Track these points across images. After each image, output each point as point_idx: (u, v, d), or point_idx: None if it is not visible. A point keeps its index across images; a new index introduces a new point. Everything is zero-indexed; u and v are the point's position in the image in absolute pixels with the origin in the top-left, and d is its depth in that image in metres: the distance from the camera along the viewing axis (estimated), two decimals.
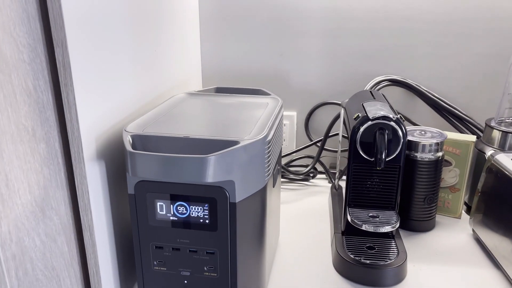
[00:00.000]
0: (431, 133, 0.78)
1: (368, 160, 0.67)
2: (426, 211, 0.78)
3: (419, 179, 0.76)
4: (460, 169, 0.80)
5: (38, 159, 0.46)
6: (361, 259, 0.66)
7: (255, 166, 0.52)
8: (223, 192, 0.50)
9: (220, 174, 0.48)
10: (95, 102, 0.52)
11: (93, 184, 0.52)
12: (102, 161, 0.54)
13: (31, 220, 0.45)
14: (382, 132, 0.65)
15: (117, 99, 0.57)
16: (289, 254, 0.72)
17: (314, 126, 1.02)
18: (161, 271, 0.55)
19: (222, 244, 0.52)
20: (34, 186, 0.45)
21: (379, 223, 0.66)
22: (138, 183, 0.51)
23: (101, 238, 0.54)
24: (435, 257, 0.71)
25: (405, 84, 0.94)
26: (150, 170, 0.48)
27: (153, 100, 0.70)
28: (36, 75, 0.45)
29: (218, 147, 0.50)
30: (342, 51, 0.96)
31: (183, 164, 0.47)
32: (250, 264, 0.55)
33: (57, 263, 0.50)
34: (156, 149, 0.52)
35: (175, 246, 0.53)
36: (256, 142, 0.51)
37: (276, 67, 0.99)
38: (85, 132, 0.50)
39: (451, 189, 0.82)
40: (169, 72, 0.78)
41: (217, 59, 1.00)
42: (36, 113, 0.45)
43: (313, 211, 0.87)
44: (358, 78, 0.98)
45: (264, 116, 0.60)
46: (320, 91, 1.00)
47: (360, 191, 0.70)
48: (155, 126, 0.55)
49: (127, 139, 0.51)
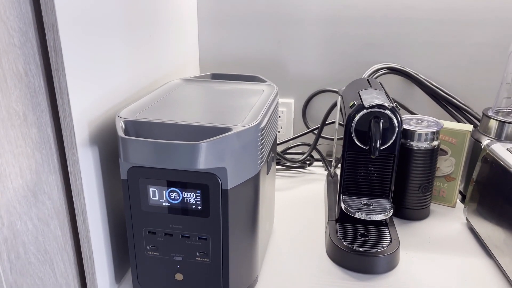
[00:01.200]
0: (428, 122, 0.78)
1: (363, 149, 0.67)
2: (420, 199, 0.78)
3: (414, 168, 0.76)
4: (456, 158, 0.80)
5: (30, 144, 0.46)
6: (354, 246, 0.66)
7: (248, 153, 0.52)
8: (215, 178, 0.50)
9: (212, 161, 0.48)
10: (88, 87, 0.51)
11: (86, 169, 0.52)
12: (95, 147, 0.54)
13: (23, 204, 0.45)
14: (377, 120, 0.65)
15: (111, 85, 0.57)
16: (283, 241, 0.73)
17: (312, 114, 1.02)
18: (154, 256, 0.55)
19: (214, 230, 0.52)
20: (26, 171, 0.45)
21: (372, 211, 0.66)
22: (131, 169, 0.51)
23: (94, 223, 0.54)
24: (428, 245, 0.71)
25: (404, 72, 0.93)
26: (142, 156, 0.48)
27: (148, 86, 0.70)
28: (27, 59, 0.45)
29: (210, 134, 0.50)
30: (340, 38, 0.95)
31: (175, 150, 0.47)
32: (242, 250, 0.56)
33: (50, 247, 0.50)
34: (149, 135, 0.52)
35: (167, 232, 0.54)
36: (249, 129, 0.51)
37: (273, 54, 0.99)
38: (78, 117, 0.50)
39: (446, 178, 0.82)
40: (165, 58, 0.77)
41: (215, 46, 1.00)
42: (27, 97, 0.45)
43: (308, 198, 0.87)
44: (357, 66, 0.97)
45: (259, 103, 0.60)
46: (318, 78, 0.99)
47: (355, 179, 0.70)
48: (149, 112, 0.55)
49: (120, 125, 0.51)
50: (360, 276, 0.64)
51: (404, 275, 0.64)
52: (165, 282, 0.56)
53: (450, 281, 0.63)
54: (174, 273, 0.56)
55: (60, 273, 0.53)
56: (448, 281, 0.63)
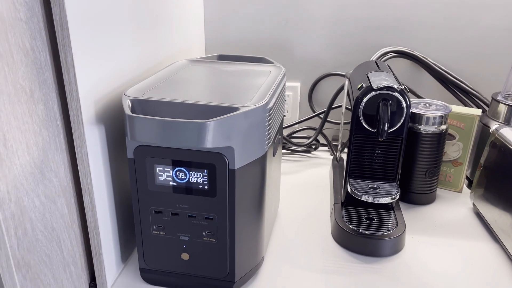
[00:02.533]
0: (436, 105, 0.77)
1: (370, 131, 0.67)
2: (427, 184, 0.77)
3: (422, 152, 0.75)
4: (464, 143, 0.80)
5: (37, 121, 0.45)
6: (359, 229, 0.66)
7: (255, 133, 0.51)
8: (223, 158, 0.49)
9: (219, 140, 0.48)
10: (94, 65, 0.51)
11: (93, 147, 0.52)
12: (102, 125, 0.53)
13: (30, 181, 0.45)
14: (386, 103, 0.64)
15: (117, 63, 0.57)
16: (288, 224, 0.73)
17: (318, 98, 1.01)
18: (160, 235, 0.55)
19: (221, 210, 0.52)
20: (33, 148, 0.45)
21: (379, 194, 0.66)
22: (138, 147, 0.51)
23: (101, 201, 0.54)
24: (433, 229, 0.71)
25: (412, 56, 0.92)
26: (149, 134, 0.48)
27: (154, 66, 0.69)
28: (33, 34, 0.44)
29: (218, 113, 0.50)
30: (349, 21, 0.94)
31: (183, 128, 0.47)
32: (248, 231, 0.56)
33: (57, 224, 0.50)
34: (156, 114, 0.51)
35: (174, 211, 0.54)
36: (257, 109, 0.50)
37: (280, 36, 0.97)
38: (84, 95, 0.49)
39: (453, 163, 0.82)
40: (171, 39, 0.76)
41: (221, 27, 0.98)
42: (33, 73, 0.44)
43: (314, 182, 0.87)
44: (365, 49, 0.96)
45: (266, 84, 0.59)
46: (325, 62, 0.98)
47: (361, 162, 0.70)
48: (155, 91, 0.54)
49: (127, 103, 0.51)
50: (365, 258, 0.64)
51: (410, 259, 0.64)
52: (171, 261, 0.56)
53: (456, 264, 0.63)
54: (180, 252, 0.56)
55: (67, 251, 0.53)
56: (453, 265, 0.63)
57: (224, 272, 0.56)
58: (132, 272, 0.61)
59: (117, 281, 0.59)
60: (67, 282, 0.54)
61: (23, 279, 0.45)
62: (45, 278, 0.49)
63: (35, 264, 0.47)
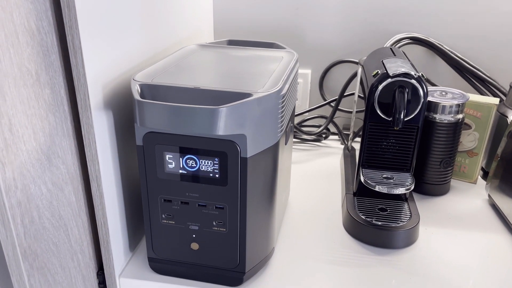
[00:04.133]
0: (452, 94, 0.75)
1: (385, 120, 0.65)
2: (441, 174, 0.75)
3: (437, 141, 0.73)
4: (480, 133, 0.77)
5: (43, 105, 0.44)
6: (372, 220, 0.65)
7: (268, 120, 0.49)
8: (234, 146, 0.48)
9: (231, 127, 0.46)
10: (102, 48, 0.49)
11: (100, 134, 0.50)
12: (110, 111, 0.52)
13: (37, 168, 0.44)
14: (402, 90, 0.62)
15: (126, 47, 0.55)
16: (298, 214, 0.71)
17: (329, 85, 0.98)
18: (169, 224, 0.54)
19: (232, 200, 0.51)
20: (39, 133, 0.44)
21: (393, 185, 0.64)
22: (147, 134, 0.49)
23: (109, 189, 0.53)
24: (448, 221, 0.70)
25: (427, 42, 0.89)
26: (158, 120, 0.46)
27: (163, 51, 0.67)
28: (39, 15, 0.42)
29: (230, 99, 0.48)
30: (361, 6, 0.91)
31: (193, 115, 0.45)
32: (259, 221, 0.54)
33: (64, 212, 0.49)
34: (165, 100, 0.49)
35: (184, 200, 0.52)
36: (270, 96, 0.48)
37: (291, 22, 0.95)
38: (92, 79, 0.47)
39: (468, 153, 0.79)
40: (180, 23, 0.74)
41: (230, 11, 0.96)
42: (40, 56, 0.43)
43: (324, 172, 0.85)
44: (378, 36, 0.93)
45: (279, 70, 0.57)
46: (336, 48, 0.95)
47: (375, 151, 0.68)
48: (165, 76, 0.53)
49: (135, 88, 0.49)
50: (378, 250, 0.63)
51: (423, 251, 0.63)
52: (181, 251, 0.55)
53: (471, 257, 0.61)
54: (190, 242, 0.54)
55: (75, 239, 0.52)
56: (468, 257, 0.61)
57: (235, 262, 0.54)
58: (140, 261, 0.60)
59: (125, 270, 0.58)
60: (75, 271, 0.53)
61: (29, 268, 0.44)
62: (52, 267, 0.48)
63: (42, 253, 0.46)
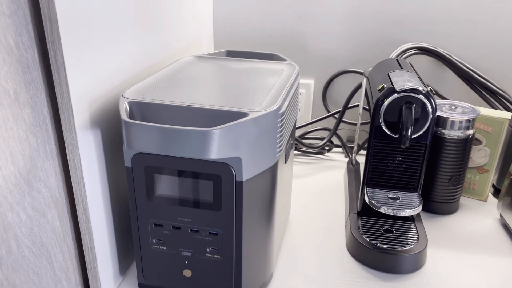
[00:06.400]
0: (462, 108, 0.71)
1: (391, 137, 0.61)
2: (450, 193, 0.72)
3: (445, 158, 0.69)
4: (491, 148, 0.74)
5: (23, 126, 0.41)
6: (377, 243, 0.61)
7: (265, 141, 0.46)
8: (229, 169, 0.44)
9: (225, 150, 0.43)
10: (88, 63, 0.46)
11: (87, 154, 0.47)
12: (97, 129, 0.49)
13: (15, 194, 0.41)
14: (409, 106, 0.58)
15: (115, 61, 0.52)
16: (299, 234, 0.68)
17: (332, 96, 0.95)
18: (160, 250, 0.51)
19: (227, 225, 0.47)
20: (18, 156, 0.41)
21: (399, 206, 0.60)
22: (136, 155, 0.46)
23: (96, 212, 0.50)
24: (457, 243, 0.66)
25: (435, 52, 0.85)
26: (147, 142, 0.43)
27: (157, 63, 0.64)
28: (18, 30, 0.39)
29: (224, 119, 0.45)
30: (366, 14, 0.88)
31: (184, 137, 0.42)
32: (256, 247, 0.51)
33: (47, 238, 0.46)
34: (156, 119, 0.46)
35: (175, 225, 0.49)
36: (268, 115, 0.45)
37: (293, 31, 0.92)
38: (77, 96, 0.44)
39: (479, 169, 0.76)
40: (177, 33, 0.71)
41: (230, 21, 0.93)
42: (19, 73, 0.40)
43: (327, 187, 0.82)
44: (383, 45, 0.90)
45: (278, 85, 0.54)
46: (340, 58, 0.92)
47: (380, 169, 0.65)
48: (157, 93, 0.49)
49: (124, 106, 0.46)
50: (383, 275, 0.59)
51: (432, 276, 0.59)
52: (173, 277, 0.52)
53: (483, 283, 0.58)
54: (182, 269, 0.51)
55: (59, 266, 0.49)
56: (480, 284, 0.57)
57: None
58: (131, 287, 0.57)
59: None
60: None
61: None
62: None
63: (21, 284, 0.43)
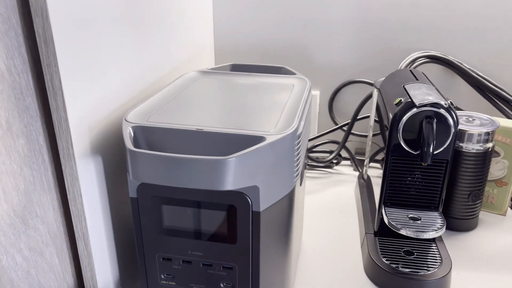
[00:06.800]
0: (480, 120, 0.68)
1: (411, 154, 0.58)
2: (469, 208, 0.68)
3: (464, 173, 0.66)
4: (510, 160, 0.70)
5: (16, 159, 0.37)
6: (398, 266, 0.57)
7: (283, 166, 0.42)
8: (245, 199, 0.40)
9: (242, 179, 0.39)
10: (87, 86, 0.42)
11: (87, 184, 0.43)
12: (98, 157, 0.45)
13: (9, 235, 0.36)
14: (430, 121, 0.55)
15: (115, 80, 0.48)
16: (314, 258, 0.64)
17: (339, 107, 0.92)
18: (169, 285, 0.47)
19: (242, 259, 0.43)
20: (12, 193, 0.36)
21: (421, 227, 0.57)
22: (142, 185, 0.42)
23: (98, 247, 0.46)
24: (481, 263, 0.62)
25: (445, 61, 0.82)
26: (155, 173, 0.39)
27: (159, 80, 0.60)
28: (10, 52, 0.35)
29: (238, 143, 0.41)
30: (373, 22, 0.85)
31: (197, 167, 0.38)
32: (273, 279, 0.47)
33: (45, 279, 0.42)
34: (163, 145, 0.42)
35: (185, 259, 0.45)
36: (285, 138, 0.41)
37: (298, 41, 0.88)
38: (76, 122, 0.40)
39: (497, 182, 0.72)
40: (178, 47, 0.67)
41: (231, 32, 0.89)
42: (11, 101, 0.36)
43: (338, 203, 0.78)
44: (391, 54, 0.86)
45: (291, 102, 0.50)
46: (346, 68, 0.89)
47: (399, 188, 0.61)
48: (162, 114, 0.46)
49: (128, 131, 0.42)
50: None
51: None
52: None
53: None
54: None
55: None
56: None
57: None
58: None
59: None
60: None
61: None
62: None
63: None
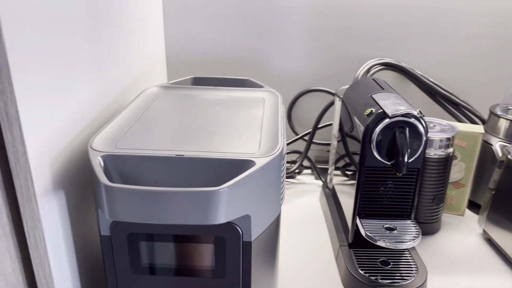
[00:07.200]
0: (441, 126, 0.70)
1: (383, 164, 0.57)
2: (434, 212, 0.70)
3: (428, 178, 0.67)
4: (466, 163, 0.73)
5: None
6: (377, 278, 0.57)
7: (271, 190, 0.40)
8: (235, 229, 0.37)
9: (235, 210, 0.35)
10: (45, 112, 0.37)
11: (50, 227, 0.37)
12: (61, 192, 0.39)
13: None
14: (403, 131, 0.55)
15: (74, 104, 0.42)
16: (290, 274, 0.62)
17: (297, 117, 0.91)
18: None
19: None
20: None
21: (398, 238, 0.57)
22: (116, 222, 0.37)
23: None
24: (449, 265, 0.64)
25: (399, 67, 0.84)
26: (137, 210, 0.34)
27: (117, 97, 0.55)
28: None
29: (224, 169, 0.37)
30: (329, 31, 0.85)
31: (186, 201, 0.34)
32: None
33: None
34: (138, 175, 0.38)
35: None
36: (274, 160, 0.39)
37: (253, 50, 0.86)
38: (35, 156, 0.35)
39: (455, 184, 0.75)
40: (131, 62, 0.62)
41: (184, 43, 0.85)
42: None
43: (305, 215, 0.76)
44: (347, 61, 0.87)
45: (267, 119, 0.48)
46: (303, 77, 0.88)
47: (372, 198, 0.61)
48: (130, 138, 0.41)
49: (97, 161, 0.37)
50: None
51: None
52: None
53: None
54: None
55: None
56: None
57: None
58: None
59: None
60: None
61: None
62: None
63: None
